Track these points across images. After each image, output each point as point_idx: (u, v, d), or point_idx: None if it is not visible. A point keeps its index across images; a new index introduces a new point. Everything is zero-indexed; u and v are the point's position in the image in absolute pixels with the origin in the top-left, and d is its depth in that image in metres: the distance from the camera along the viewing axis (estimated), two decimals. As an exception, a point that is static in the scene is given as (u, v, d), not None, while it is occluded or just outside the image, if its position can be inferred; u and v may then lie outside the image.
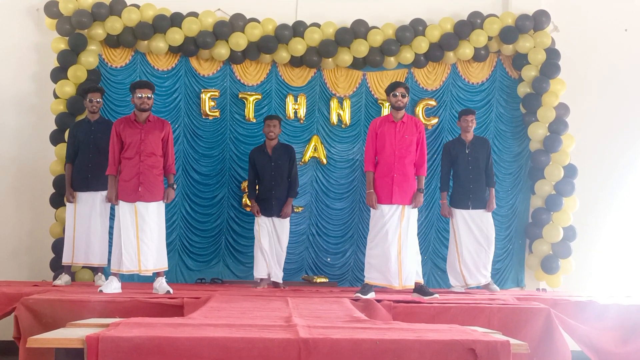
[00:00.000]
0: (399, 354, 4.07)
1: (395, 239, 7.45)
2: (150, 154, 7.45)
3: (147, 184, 7.42)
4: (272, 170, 8.77)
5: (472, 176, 8.74)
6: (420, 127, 7.71)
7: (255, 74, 9.93)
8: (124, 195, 7.41)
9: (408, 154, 7.58)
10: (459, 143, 8.89)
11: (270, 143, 8.84)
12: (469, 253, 8.69)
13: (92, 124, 8.38)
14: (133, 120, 7.49)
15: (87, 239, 8.20)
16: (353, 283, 9.72)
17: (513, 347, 4.19)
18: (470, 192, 8.73)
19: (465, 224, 8.73)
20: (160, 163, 7.56)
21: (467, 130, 8.83)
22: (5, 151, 9.58)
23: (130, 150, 7.42)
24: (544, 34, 9.88)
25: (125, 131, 7.44)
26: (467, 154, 8.77)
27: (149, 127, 7.49)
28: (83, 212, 8.25)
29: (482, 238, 8.72)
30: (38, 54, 9.72)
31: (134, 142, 7.42)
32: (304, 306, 6.09)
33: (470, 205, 8.73)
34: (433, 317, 6.39)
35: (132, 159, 7.42)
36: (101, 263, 8.32)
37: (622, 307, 7.13)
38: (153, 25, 9.41)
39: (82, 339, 3.96)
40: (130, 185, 7.39)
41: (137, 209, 7.40)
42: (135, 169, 7.40)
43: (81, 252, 8.21)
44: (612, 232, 10.14)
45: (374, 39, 9.69)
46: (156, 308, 6.28)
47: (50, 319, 5.93)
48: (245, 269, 9.69)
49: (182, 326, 4.44)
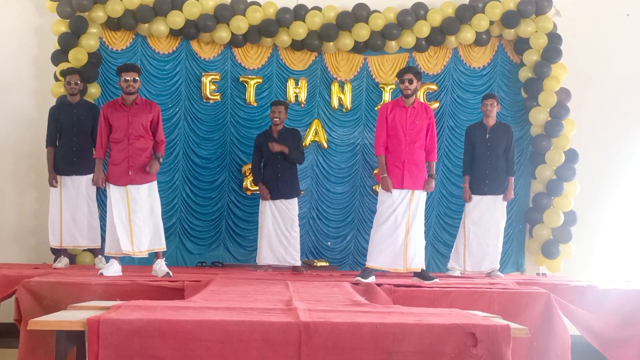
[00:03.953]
0: (399, 337, 4.08)
1: (404, 223, 7.47)
2: (139, 137, 7.42)
3: (137, 167, 7.39)
4: (278, 154, 8.74)
5: (490, 162, 8.65)
6: (430, 113, 7.70)
7: (256, 57, 9.90)
8: (115, 179, 7.39)
9: (418, 139, 7.57)
10: (480, 127, 8.78)
11: (276, 128, 8.82)
12: (476, 239, 8.65)
13: (74, 106, 8.37)
14: (120, 104, 7.45)
15: (74, 223, 8.23)
16: (353, 267, 9.73)
17: (513, 331, 4.21)
18: (486, 178, 8.64)
19: (478, 209, 8.67)
20: (149, 145, 7.52)
21: (488, 115, 8.70)
22: (6, 134, 9.56)
23: (118, 133, 7.39)
24: (545, 18, 9.84)
25: (113, 115, 7.41)
26: (486, 139, 8.67)
27: (136, 110, 7.44)
28: (70, 196, 8.26)
29: (493, 225, 8.66)
30: (39, 37, 9.68)
31: (121, 125, 7.38)
32: (304, 290, 6.10)
33: (485, 191, 8.67)
34: (433, 301, 6.40)
35: (120, 142, 7.40)
36: (91, 245, 8.35)
37: (622, 292, 7.15)
38: (154, 8, 9.36)
39: (83, 321, 3.97)
40: (120, 169, 7.39)
41: (129, 191, 7.39)
42: (124, 152, 7.38)
43: (69, 235, 8.24)
44: (613, 217, 10.14)
45: (375, 23, 9.66)
46: (157, 291, 6.30)
47: (51, 302, 5.94)
48: (245, 252, 9.72)
49: (183, 309, 4.45)
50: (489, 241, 8.66)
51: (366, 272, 7.46)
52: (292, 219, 8.75)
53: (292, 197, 8.80)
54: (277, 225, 8.70)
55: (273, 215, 8.73)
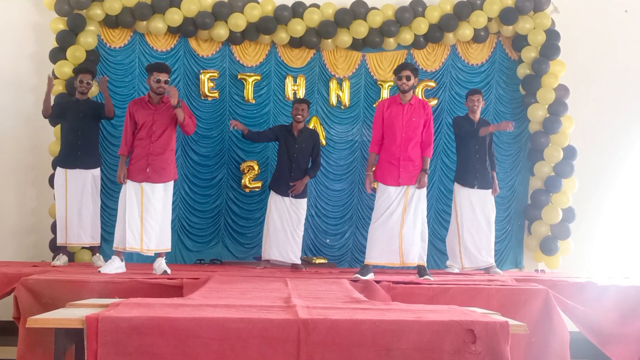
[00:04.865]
0: (398, 334, 4.08)
1: (399, 219, 7.52)
2: (161, 135, 7.49)
3: (155, 165, 7.45)
4: (295, 152, 8.72)
5: (479, 156, 8.66)
6: (428, 110, 7.71)
7: (255, 54, 9.90)
8: (132, 175, 7.44)
9: (414, 136, 7.60)
10: (467, 121, 8.78)
11: (297, 125, 8.81)
12: (469, 234, 8.65)
13: (81, 103, 8.42)
14: (147, 102, 7.54)
15: (78, 219, 8.25)
16: (352, 264, 9.74)
17: (512, 328, 4.21)
18: (477, 172, 8.65)
19: (469, 203, 8.67)
20: (169, 145, 7.58)
21: (473, 111, 8.74)
22: (4, 131, 9.56)
23: (142, 131, 7.48)
24: (543, 15, 9.84)
25: (139, 112, 7.50)
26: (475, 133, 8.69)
27: (162, 109, 7.52)
28: (74, 192, 8.28)
29: (484, 219, 8.68)
30: (37, 34, 9.68)
31: (146, 123, 7.47)
32: (303, 287, 6.10)
33: (476, 185, 8.68)
34: (432, 298, 6.41)
35: (142, 140, 7.47)
36: (92, 242, 8.38)
37: (621, 288, 7.16)
38: (152, 5, 9.36)
39: (82, 319, 3.98)
40: (138, 166, 7.44)
41: (144, 189, 7.43)
42: (145, 150, 7.45)
43: (74, 232, 8.26)
44: (611, 213, 10.15)
45: (373, 20, 9.66)
46: (155, 288, 6.31)
47: (49, 299, 5.95)
48: (244, 249, 9.72)
49: (182, 307, 4.45)
50: (482, 236, 8.66)
51: (365, 269, 7.48)
52: (299, 218, 8.75)
53: (302, 197, 8.79)
54: (285, 222, 8.68)
55: (282, 212, 8.69)
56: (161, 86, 7.41)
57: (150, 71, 7.49)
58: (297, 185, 8.65)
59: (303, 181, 8.69)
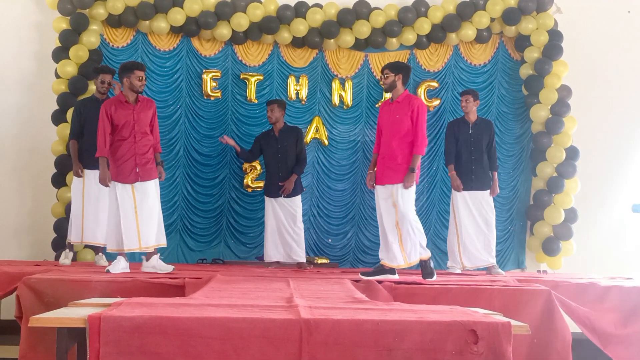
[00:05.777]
0: (400, 334, 4.08)
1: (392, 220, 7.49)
2: (144, 134, 7.46)
3: (143, 164, 7.42)
4: (279, 152, 8.76)
5: (474, 157, 8.65)
6: (413, 106, 7.52)
7: (257, 54, 9.90)
8: (122, 177, 7.37)
9: (397, 133, 7.53)
10: (463, 123, 8.77)
11: (277, 126, 8.83)
12: (468, 235, 8.64)
13: (101, 102, 8.36)
14: (124, 102, 7.44)
15: (95, 218, 8.19)
16: (354, 264, 9.76)
17: (514, 329, 4.20)
18: (472, 174, 8.64)
19: (466, 205, 8.66)
20: (151, 142, 7.56)
21: (467, 112, 8.73)
22: (7, 131, 9.57)
23: (124, 131, 7.38)
24: (546, 15, 9.83)
25: (118, 112, 7.36)
26: (469, 135, 8.69)
27: (140, 108, 7.47)
28: (92, 191, 8.23)
29: (482, 220, 8.65)
30: (39, 33, 9.69)
31: (127, 123, 7.38)
32: (305, 287, 6.10)
33: (471, 187, 8.66)
34: (434, 298, 6.40)
35: (126, 140, 7.39)
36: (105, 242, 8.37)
37: (623, 289, 7.15)
38: (154, 5, 9.37)
39: (84, 318, 3.97)
40: (127, 167, 7.37)
41: (135, 189, 7.39)
42: (132, 150, 7.39)
43: (90, 231, 8.23)
44: (614, 214, 10.15)
45: (376, 20, 9.66)
46: (157, 288, 6.30)
47: (52, 299, 5.94)
48: (246, 249, 9.74)
49: (184, 306, 4.45)
50: (481, 236, 8.65)
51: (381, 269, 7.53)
52: (293, 216, 8.76)
53: (295, 195, 8.80)
54: (279, 222, 8.72)
55: (275, 213, 8.76)
56: (144, 83, 7.46)
57: (131, 70, 7.39)
58: (286, 185, 8.69)
59: (291, 180, 8.72)
